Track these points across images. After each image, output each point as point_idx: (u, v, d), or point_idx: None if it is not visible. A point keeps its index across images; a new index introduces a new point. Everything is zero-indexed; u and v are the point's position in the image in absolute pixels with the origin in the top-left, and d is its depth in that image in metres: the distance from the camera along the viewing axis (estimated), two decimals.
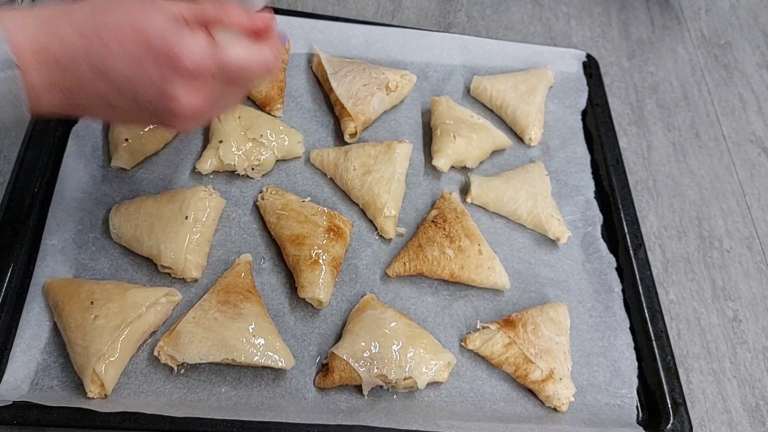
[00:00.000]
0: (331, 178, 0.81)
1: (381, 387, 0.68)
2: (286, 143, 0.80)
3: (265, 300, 0.71)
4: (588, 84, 0.94)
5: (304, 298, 0.71)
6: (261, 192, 0.78)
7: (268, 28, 0.56)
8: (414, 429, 0.64)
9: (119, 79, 0.51)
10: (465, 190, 0.83)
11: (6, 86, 0.48)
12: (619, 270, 0.80)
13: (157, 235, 0.70)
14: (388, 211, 0.77)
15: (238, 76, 0.54)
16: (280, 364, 0.66)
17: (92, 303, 0.65)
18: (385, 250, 0.77)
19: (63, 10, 0.51)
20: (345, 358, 0.66)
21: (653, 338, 0.74)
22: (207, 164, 0.78)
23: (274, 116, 0.83)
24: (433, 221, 0.76)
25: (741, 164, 0.97)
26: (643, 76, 1.04)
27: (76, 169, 0.75)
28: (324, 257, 0.71)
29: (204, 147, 0.80)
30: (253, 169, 0.79)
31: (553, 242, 0.81)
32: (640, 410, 0.72)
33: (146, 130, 0.76)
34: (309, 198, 0.78)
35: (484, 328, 0.72)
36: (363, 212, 0.80)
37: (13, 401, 0.61)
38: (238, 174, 0.79)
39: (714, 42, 1.10)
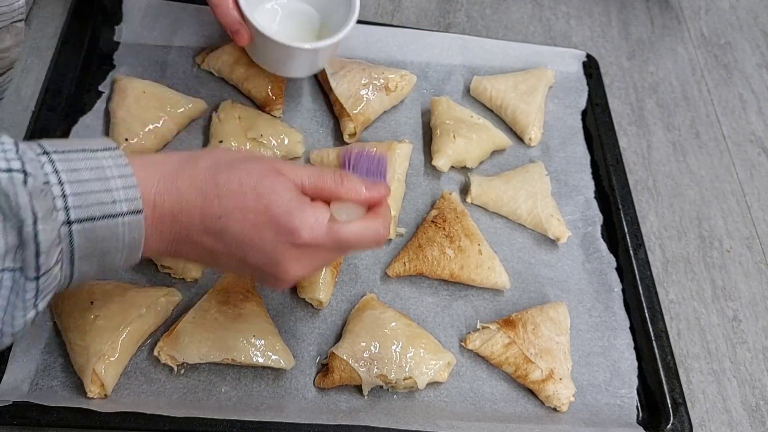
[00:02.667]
0: None
1: (381, 387, 0.68)
2: (286, 143, 0.80)
3: (265, 300, 0.71)
4: (588, 84, 0.94)
5: (304, 298, 0.71)
6: None
7: (382, 200, 0.57)
8: (414, 429, 0.64)
9: (232, 241, 0.51)
10: (465, 190, 0.83)
11: (131, 231, 0.48)
12: (619, 270, 0.80)
13: None
14: None
15: (347, 249, 0.57)
16: (280, 365, 0.66)
17: (92, 303, 0.65)
18: (385, 250, 0.77)
19: (185, 162, 0.52)
20: (345, 358, 0.66)
21: (653, 338, 0.74)
22: None
23: (274, 116, 0.83)
24: (432, 221, 0.76)
25: (741, 164, 0.97)
26: (643, 76, 1.04)
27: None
28: None
29: (204, 147, 0.80)
30: None
31: (553, 242, 0.81)
32: (640, 410, 0.72)
33: (146, 129, 0.76)
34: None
35: (484, 328, 0.72)
36: None
37: (13, 401, 0.61)
38: None
39: (714, 42, 1.10)
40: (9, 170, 0.42)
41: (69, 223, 0.44)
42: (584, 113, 0.93)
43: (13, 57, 0.69)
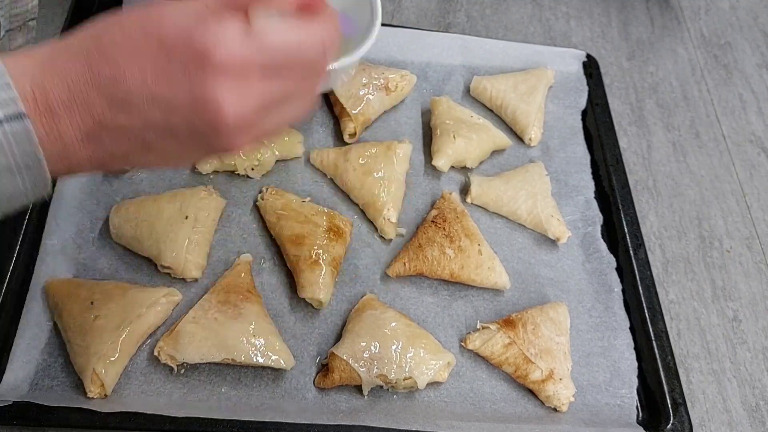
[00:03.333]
0: (331, 178, 0.81)
1: (381, 387, 0.68)
2: (286, 143, 0.80)
3: (265, 300, 0.71)
4: (588, 84, 0.94)
5: (304, 298, 0.71)
6: (261, 192, 0.78)
7: (316, 1, 0.43)
8: (414, 429, 0.64)
9: (140, 102, 0.40)
10: (465, 190, 0.83)
11: (18, 143, 0.38)
12: (619, 270, 0.79)
13: (157, 235, 0.70)
14: (387, 212, 0.77)
15: (287, 64, 0.42)
16: (280, 365, 0.66)
17: (92, 303, 0.65)
18: (385, 250, 0.77)
19: (64, 41, 0.42)
20: (345, 358, 0.66)
21: (653, 338, 0.74)
22: (207, 164, 0.78)
23: None
24: (432, 221, 0.76)
25: (741, 164, 0.97)
26: (643, 76, 1.04)
27: None
28: (324, 257, 0.71)
29: None
30: (253, 169, 0.79)
31: (553, 242, 0.81)
32: (640, 410, 0.72)
33: None
34: (309, 198, 0.78)
35: (484, 328, 0.72)
36: (363, 212, 0.79)
37: (13, 401, 0.61)
38: (238, 174, 0.79)
39: (714, 42, 1.10)
40: None
41: None
42: (584, 113, 0.93)
43: None
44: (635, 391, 0.73)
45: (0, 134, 0.37)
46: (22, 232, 0.72)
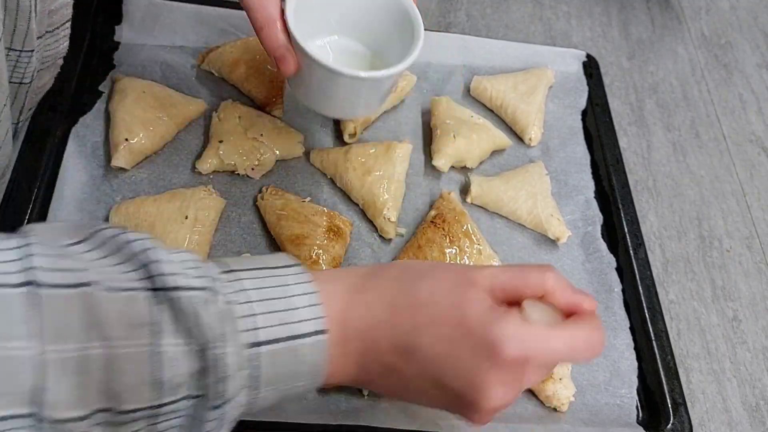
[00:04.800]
0: (331, 178, 0.81)
1: None
2: (286, 143, 0.80)
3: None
4: (588, 84, 0.94)
5: None
6: (261, 192, 0.78)
7: (591, 310, 0.48)
8: (414, 429, 0.64)
9: (423, 359, 0.45)
10: (465, 190, 0.83)
11: (313, 354, 0.43)
12: (619, 270, 0.80)
13: (157, 235, 0.70)
14: (387, 211, 0.77)
15: (556, 362, 0.49)
16: None
17: None
18: (385, 250, 0.77)
19: (371, 274, 0.48)
20: None
21: (653, 338, 0.74)
22: (207, 164, 0.78)
23: (274, 116, 0.83)
24: (432, 222, 0.76)
25: (741, 164, 0.97)
26: (643, 76, 1.04)
27: (76, 169, 0.75)
28: (324, 257, 0.71)
29: (204, 147, 0.80)
30: (253, 169, 0.79)
31: (553, 242, 0.81)
32: (640, 410, 0.72)
33: (146, 130, 0.76)
34: (309, 198, 0.78)
35: None
36: (363, 212, 0.80)
37: None
38: (238, 174, 0.79)
39: (714, 42, 1.11)
40: (202, 288, 0.39)
41: (258, 344, 0.40)
42: (584, 113, 0.93)
43: (45, 88, 0.69)
44: (635, 391, 0.73)
45: (305, 343, 0.42)
46: None
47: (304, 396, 0.48)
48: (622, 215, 0.83)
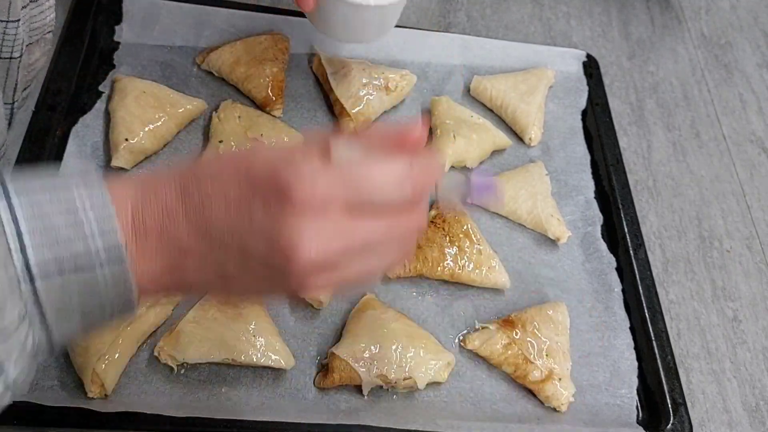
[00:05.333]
0: None
1: (381, 387, 0.68)
2: (286, 143, 0.80)
3: (265, 300, 0.71)
4: (588, 84, 0.94)
5: (304, 298, 0.71)
6: None
7: (415, 140, 0.42)
8: (414, 429, 0.64)
9: (221, 232, 0.40)
10: None
11: (116, 285, 0.38)
12: (619, 270, 0.80)
13: None
14: None
15: (371, 203, 0.40)
16: (280, 365, 0.66)
17: None
18: None
19: (165, 170, 0.43)
20: (345, 358, 0.66)
21: (653, 338, 0.74)
22: None
23: (274, 116, 0.83)
24: (432, 222, 0.76)
25: (741, 164, 0.97)
26: (643, 76, 1.04)
27: (76, 169, 0.75)
28: None
29: (204, 147, 0.80)
30: None
31: (553, 242, 0.81)
32: (640, 410, 0.72)
33: (146, 129, 0.76)
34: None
35: (483, 328, 0.72)
36: None
37: (13, 401, 0.61)
38: None
39: (714, 42, 1.10)
40: None
41: (31, 279, 0.35)
42: (584, 113, 0.93)
43: (39, 67, 0.69)
44: (635, 391, 0.73)
45: (100, 277, 0.37)
46: None
47: (125, 316, 0.42)
48: (622, 215, 0.83)
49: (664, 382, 0.72)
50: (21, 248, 0.35)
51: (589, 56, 0.96)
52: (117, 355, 0.64)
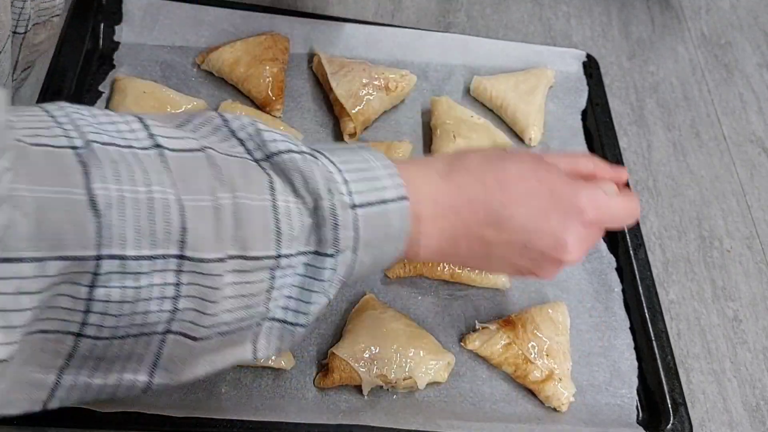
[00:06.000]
0: None
1: (381, 387, 0.68)
2: None
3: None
4: (588, 84, 0.94)
5: None
6: None
7: (626, 180, 0.62)
8: (414, 429, 0.64)
9: (518, 228, 0.51)
10: None
11: (401, 219, 0.47)
12: (619, 270, 0.79)
13: None
14: None
15: (610, 225, 0.58)
16: (280, 365, 0.66)
17: None
18: None
19: (454, 161, 0.53)
20: (345, 358, 0.66)
21: (653, 338, 0.74)
22: None
23: (274, 116, 0.83)
24: None
25: (741, 164, 0.97)
26: (643, 76, 1.04)
27: None
28: None
29: None
30: None
31: None
32: (640, 410, 0.72)
33: None
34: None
35: (483, 328, 0.72)
36: None
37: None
38: None
39: (714, 42, 1.10)
40: (301, 152, 0.43)
41: (354, 207, 0.44)
42: (584, 113, 0.93)
43: (42, 50, 0.69)
44: (635, 391, 0.73)
45: (392, 208, 0.46)
46: None
47: (390, 265, 0.52)
48: None
49: (664, 382, 0.72)
50: (345, 181, 0.44)
51: (589, 56, 0.96)
52: None
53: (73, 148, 0.34)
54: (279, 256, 0.41)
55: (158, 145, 0.38)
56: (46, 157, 0.33)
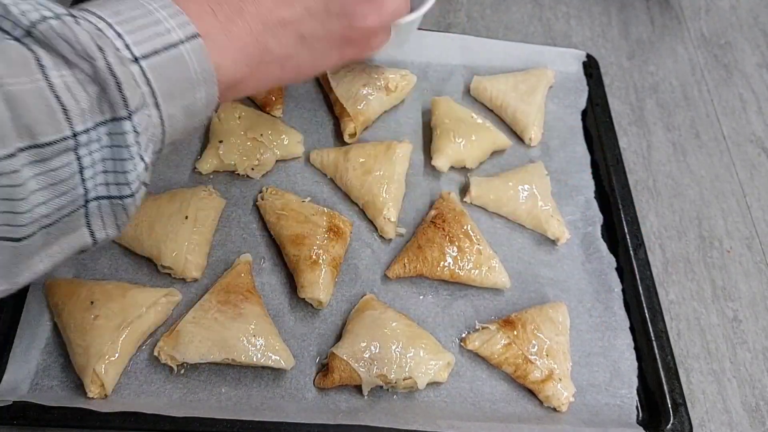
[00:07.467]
0: (331, 178, 0.81)
1: (381, 387, 0.68)
2: (286, 143, 0.80)
3: (265, 300, 0.71)
4: (588, 84, 0.94)
5: (304, 298, 0.71)
6: (261, 192, 0.78)
7: None
8: (414, 429, 0.64)
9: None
10: (464, 191, 0.83)
11: (198, 58, 0.45)
12: (619, 270, 0.79)
13: (157, 235, 0.70)
14: (387, 212, 0.77)
15: None
16: (280, 365, 0.66)
17: (92, 303, 0.65)
18: (385, 250, 0.77)
19: None
20: (345, 358, 0.66)
21: (653, 338, 0.74)
22: (207, 164, 0.78)
23: (274, 116, 0.83)
24: (432, 222, 0.76)
25: (741, 164, 0.97)
26: (643, 76, 1.04)
27: None
28: (324, 257, 0.71)
29: (204, 147, 0.80)
30: (253, 169, 0.79)
31: (553, 242, 0.81)
32: (640, 410, 0.72)
33: None
34: (309, 198, 0.78)
35: (483, 328, 0.72)
36: (363, 212, 0.80)
37: (13, 401, 0.61)
38: (238, 174, 0.79)
39: (714, 42, 1.10)
40: (57, 16, 0.39)
41: (136, 59, 0.41)
42: (584, 113, 0.93)
43: None
44: (635, 391, 0.73)
45: (183, 50, 0.44)
46: None
47: (208, 113, 0.49)
48: (622, 215, 0.83)
49: (664, 382, 0.72)
50: (118, 35, 0.41)
51: (589, 56, 0.96)
52: (117, 355, 0.64)
53: None
54: (75, 134, 0.39)
55: None
56: None
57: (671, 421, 0.70)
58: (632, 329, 0.76)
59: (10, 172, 0.36)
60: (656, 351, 0.74)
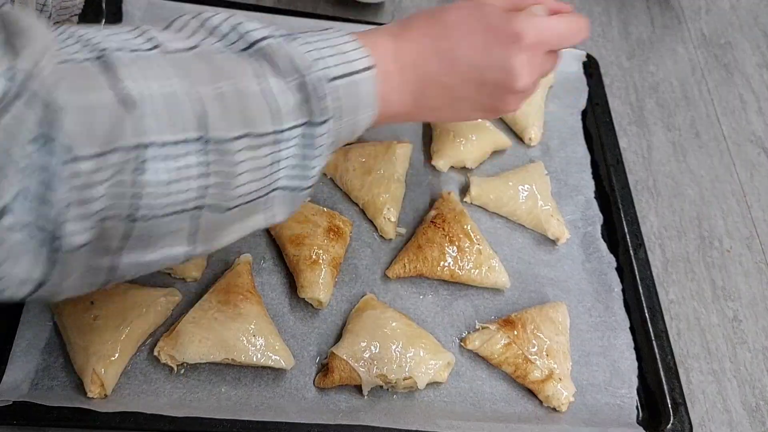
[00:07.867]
0: (331, 178, 0.81)
1: (381, 387, 0.68)
2: None
3: (265, 300, 0.71)
4: (588, 84, 0.94)
5: (304, 298, 0.71)
6: None
7: (568, 8, 0.64)
8: (414, 429, 0.64)
9: (467, 68, 0.58)
10: (464, 190, 0.83)
11: (370, 87, 0.53)
12: (619, 270, 0.79)
13: None
14: (387, 211, 0.77)
15: (557, 45, 0.62)
16: (280, 365, 0.66)
17: (92, 303, 0.65)
18: (385, 250, 0.77)
19: (404, 23, 0.59)
20: (345, 358, 0.66)
21: (653, 338, 0.74)
22: None
23: None
24: (432, 222, 0.76)
25: (741, 164, 0.97)
26: (643, 76, 1.04)
27: None
28: (324, 257, 0.71)
29: None
30: None
31: (553, 242, 0.81)
32: (640, 410, 0.72)
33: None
34: (309, 198, 0.78)
35: (483, 328, 0.72)
36: (363, 212, 0.80)
37: (13, 401, 0.61)
38: None
39: (714, 42, 1.10)
40: (278, 37, 0.49)
41: (332, 79, 0.50)
42: (584, 113, 0.93)
43: None
44: (635, 391, 0.73)
45: (361, 78, 0.52)
46: None
47: (361, 132, 0.57)
48: (622, 215, 0.83)
49: (664, 382, 0.72)
50: (321, 57, 0.50)
51: (589, 56, 0.96)
52: (117, 355, 0.64)
53: (90, 59, 0.40)
54: (282, 131, 0.47)
55: (158, 46, 0.44)
56: (73, 69, 0.38)
57: (671, 421, 0.70)
58: (632, 329, 0.76)
59: (233, 152, 0.44)
60: (656, 351, 0.74)
